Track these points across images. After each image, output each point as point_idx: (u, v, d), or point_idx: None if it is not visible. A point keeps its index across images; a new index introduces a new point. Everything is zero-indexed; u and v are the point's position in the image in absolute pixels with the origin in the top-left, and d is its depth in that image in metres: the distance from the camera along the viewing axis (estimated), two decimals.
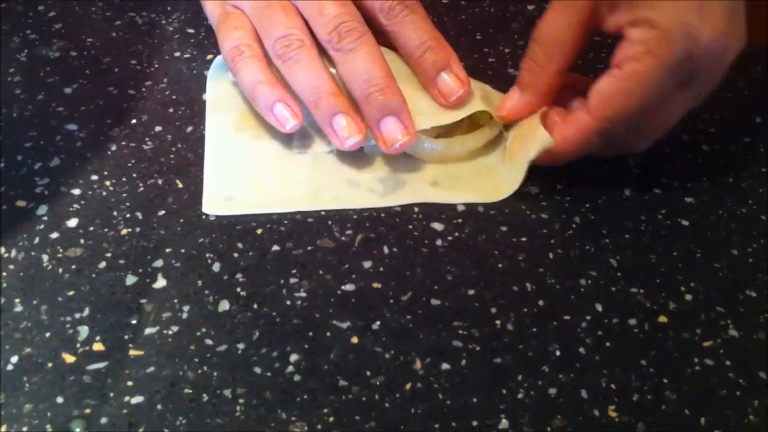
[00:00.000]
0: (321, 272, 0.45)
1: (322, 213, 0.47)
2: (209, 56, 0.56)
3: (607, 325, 0.43)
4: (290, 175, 0.49)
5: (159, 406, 0.39)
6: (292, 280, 0.44)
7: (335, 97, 0.48)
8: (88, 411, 0.39)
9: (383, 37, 0.50)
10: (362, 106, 0.48)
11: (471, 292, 0.44)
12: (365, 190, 0.48)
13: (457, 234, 0.46)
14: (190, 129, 0.52)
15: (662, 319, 0.43)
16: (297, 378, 0.40)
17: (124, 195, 0.48)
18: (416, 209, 0.48)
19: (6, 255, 0.45)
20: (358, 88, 0.48)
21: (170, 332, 0.42)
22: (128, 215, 0.47)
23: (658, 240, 0.47)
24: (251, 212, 0.47)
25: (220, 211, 0.47)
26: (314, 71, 0.48)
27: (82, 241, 0.46)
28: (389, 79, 0.48)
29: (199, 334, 0.42)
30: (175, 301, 0.43)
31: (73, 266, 0.44)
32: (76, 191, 0.48)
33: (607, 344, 0.42)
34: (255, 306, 0.43)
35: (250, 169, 0.49)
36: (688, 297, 0.44)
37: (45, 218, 0.47)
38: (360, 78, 0.48)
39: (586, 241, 0.46)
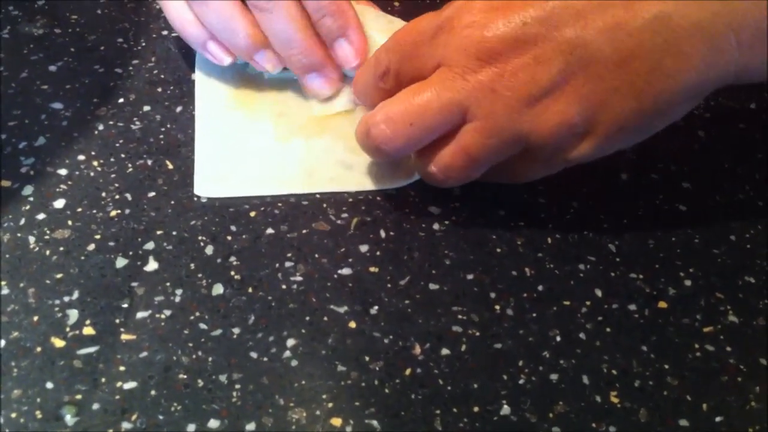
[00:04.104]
0: (317, 256, 0.44)
1: (317, 196, 0.46)
2: None
3: (607, 310, 0.42)
4: (284, 156, 0.48)
5: (153, 392, 0.38)
6: (288, 264, 0.43)
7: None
8: (79, 397, 0.38)
9: None
10: (286, 63, 0.49)
11: (470, 276, 0.43)
12: (360, 173, 0.47)
13: (454, 218, 0.46)
14: (179, 109, 0.50)
15: (662, 304, 0.43)
16: (294, 363, 0.39)
17: (113, 176, 0.47)
18: (412, 192, 0.47)
19: None
20: (280, 48, 0.48)
21: (163, 316, 0.41)
22: (117, 196, 0.46)
23: (656, 225, 0.46)
24: (244, 194, 0.46)
25: (212, 193, 0.46)
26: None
27: (70, 222, 0.44)
28: (309, 39, 0.47)
29: (192, 318, 0.41)
30: (168, 284, 0.42)
31: (61, 248, 0.43)
32: (63, 171, 0.47)
33: (608, 330, 0.41)
34: (250, 290, 0.42)
35: (242, 150, 0.48)
36: (688, 282, 0.44)
37: (31, 199, 0.45)
38: (279, 39, 0.47)
39: (584, 225, 0.46)
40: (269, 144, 0.48)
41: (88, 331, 0.40)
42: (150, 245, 0.44)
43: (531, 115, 0.39)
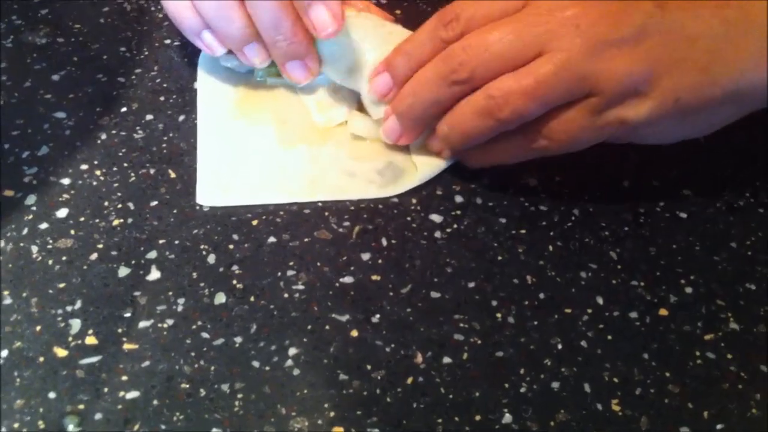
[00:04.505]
0: (319, 264, 0.44)
1: (319, 204, 0.47)
2: None
3: (608, 318, 0.42)
4: (286, 164, 0.48)
5: (155, 402, 0.38)
6: (290, 272, 0.43)
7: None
8: (81, 407, 0.38)
9: None
10: (269, 50, 0.49)
11: (471, 284, 0.43)
12: (363, 181, 0.47)
13: (456, 226, 0.46)
14: (182, 118, 0.51)
15: (663, 311, 0.43)
16: (296, 372, 0.39)
17: (115, 185, 0.47)
18: (414, 200, 0.47)
19: None
20: (265, 34, 0.48)
21: (165, 325, 0.41)
22: (120, 206, 0.46)
23: (657, 232, 0.46)
24: (246, 203, 0.46)
25: (214, 202, 0.46)
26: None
27: (72, 231, 0.44)
28: (295, 27, 0.47)
29: (195, 327, 0.41)
30: (170, 293, 0.42)
31: (64, 258, 0.43)
32: (66, 181, 0.47)
33: (609, 337, 0.41)
34: (252, 298, 0.42)
35: (245, 159, 0.48)
36: (689, 290, 0.44)
37: (34, 208, 0.45)
38: (266, 25, 0.47)
39: (585, 233, 0.46)
40: (271, 152, 0.49)
41: (90, 340, 0.40)
42: (152, 254, 0.44)
43: (604, 59, 0.41)
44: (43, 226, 0.45)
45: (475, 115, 0.43)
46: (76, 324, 0.41)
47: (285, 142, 0.49)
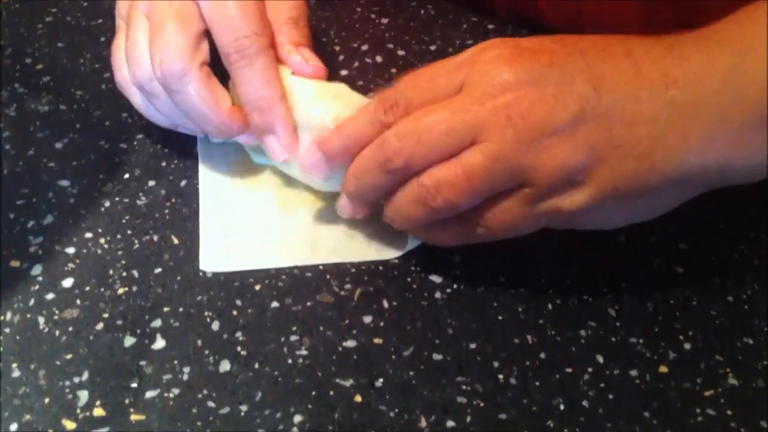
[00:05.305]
0: (321, 328, 0.44)
1: (320, 267, 0.47)
2: None
3: (608, 376, 0.43)
4: (288, 228, 0.49)
5: None
6: (293, 338, 0.44)
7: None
8: None
9: None
10: (249, 120, 0.48)
11: (472, 345, 0.44)
12: (363, 243, 0.48)
13: (455, 286, 0.47)
14: (184, 183, 0.52)
15: (663, 369, 0.43)
16: None
17: (120, 252, 0.48)
18: (413, 261, 0.48)
19: (2, 318, 0.44)
20: (244, 105, 0.48)
21: (171, 395, 0.41)
22: (124, 273, 0.47)
23: (654, 288, 0.47)
24: (249, 268, 0.47)
25: (217, 268, 0.47)
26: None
27: (78, 301, 0.45)
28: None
29: (200, 396, 0.41)
30: (175, 362, 0.43)
31: (70, 328, 0.44)
32: (71, 250, 0.48)
33: (610, 396, 0.42)
34: (256, 365, 0.43)
35: (246, 224, 0.49)
36: (687, 346, 0.44)
37: (40, 278, 0.46)
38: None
39: (584, 290, 0.47)
40: (273, 216, 0.49)
41: (98, 412, 0.41)
42: (157, 323, 0.44)
43: (538, 149, 0.40)
44: (50, 296, 0.45)
45: (412, 204, 0.43)
46: (83, 395, 0.41)
47: (285, 205, 0.50)
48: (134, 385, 0.42)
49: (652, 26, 0.55)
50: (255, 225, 0.49)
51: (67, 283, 0.46)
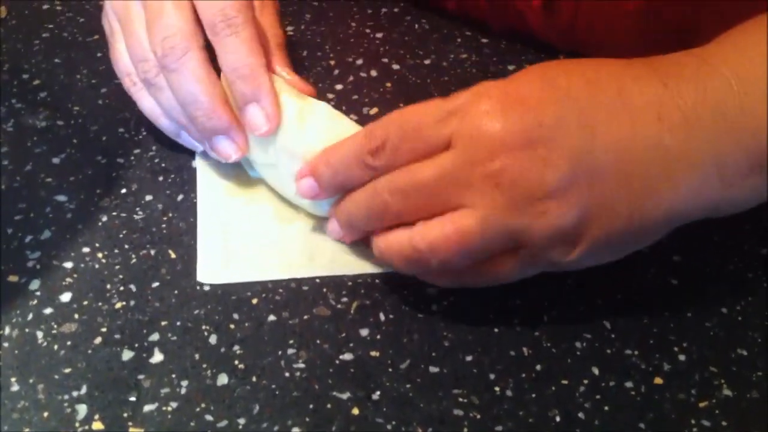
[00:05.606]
0: (318, 342, 0.45)
1: (317, 280, 0.48)
2: None
3: (604, 388, 0.43)
4: (285, 241, 0.49)
5: None
6: (290, 351, 0.44)
7: (209, 117, 0.48)
8: None
9: None
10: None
11: (469, 357, 0.44)
12: (361, 255, 0.49)
13: (452, 298, 0.47)
14: (180, 197, 0.52)
15: (658, 380, 0.44)
16: None
17: (117, 267, 0.48)
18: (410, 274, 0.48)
19: (0, 332, 0.44)
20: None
21: (169, 408, 0.42)
22: (122, 288, 0.47)
23: (649, 300, 0.47)
24: (247, 280, 0.47)
25: (215, 280, 0.47)
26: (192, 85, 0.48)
27: (76, 316, 0.45)
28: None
29: (198, 409, 0.42)
30: (173, 375, 0.43)
31: (69, 342, 0.44)
32: (69, 264, 0.48)
33: (606, 408, 0.42)
34: (254, 378, 0.43)
35: (244, 236, 0.49)
36: (682, 357, 0.45)
37: (38, 293, 0.46)
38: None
39: (579, 302, 0.47)
40: (270, 229, 0.50)
41: (97, 426, 0.41)
42: (155, 336, 0.44)
43: (530, 213, 0.39)
44: (48, 311, 0.45)
45: (404, 260, 0.43)
46: (82, 409, 0.41)
47: (282, 218, 0.50)
48: (132, 398, 0.42)
49: (650, 31, 0.55)
50: (252, 237, 0.49)
51: (65, 297, 0.46)
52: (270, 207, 0.51)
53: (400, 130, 0.42)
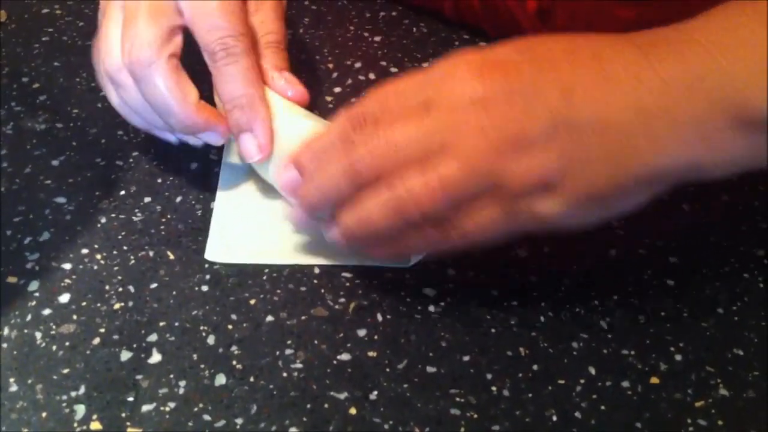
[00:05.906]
0: (316, 342, 0.45)
1: (315, 281, 0.48)
2: None
3: (601, 387, 0.43)
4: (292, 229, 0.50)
5: None
6: (288, 351, 0.44)
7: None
8: None
9: None
10: (229, 117, 0.49)
11: (466, 358, 0.44)
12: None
13: (449, 299, 0.47)
14: (179, 199, 0.52)
15: (654, 380, 0.44)
16: None
17: (116, 268, 0.48)
18: (407, 275, 0.48)
19: None
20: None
21: (167, 408, 0.42)
22: (120, 289, 0.47)
23: (645, 300, 0.47)
24: (252, 262, 0.48)
25: (221, 258, 0.48)
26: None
27: (75, 317, 0.46)
28: (254, 98, 0.48)
29: (196, 409, 0.42)
30: (171, 376, 0.43)
31: (67, 343, 0.44)
32: (67, 266, 0.48)
33: (602, 407, 0.42)
34: (251, 379, 0.43)
35: (255, 221, 0.51)
36: (678, 357, 0.45)
37: (37, 294, 0.46)
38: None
39: (576, 303, 0.47)
40: (281, 217, 0.50)
41: (95, 426, 0.41)
42: (153, 337, 0.45)
43: (511, 158, 0.40)
44: (46, 311, 0.46)
45: (383, 212, 0.42)
46: (80, 410, 0.41)
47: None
48: (131, 399, 0.42)
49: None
50: (263, 223, 0.51)
51: (64, 298, 0.46)
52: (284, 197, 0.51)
53: (378, 103, 0.43)
